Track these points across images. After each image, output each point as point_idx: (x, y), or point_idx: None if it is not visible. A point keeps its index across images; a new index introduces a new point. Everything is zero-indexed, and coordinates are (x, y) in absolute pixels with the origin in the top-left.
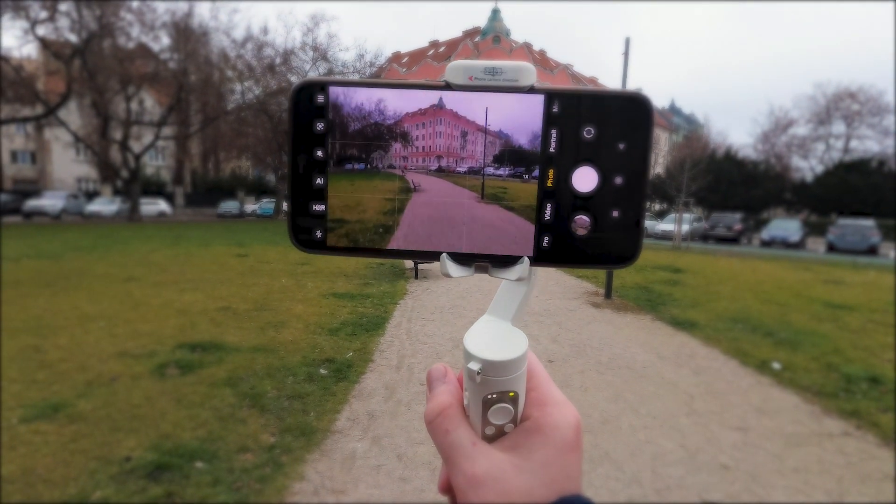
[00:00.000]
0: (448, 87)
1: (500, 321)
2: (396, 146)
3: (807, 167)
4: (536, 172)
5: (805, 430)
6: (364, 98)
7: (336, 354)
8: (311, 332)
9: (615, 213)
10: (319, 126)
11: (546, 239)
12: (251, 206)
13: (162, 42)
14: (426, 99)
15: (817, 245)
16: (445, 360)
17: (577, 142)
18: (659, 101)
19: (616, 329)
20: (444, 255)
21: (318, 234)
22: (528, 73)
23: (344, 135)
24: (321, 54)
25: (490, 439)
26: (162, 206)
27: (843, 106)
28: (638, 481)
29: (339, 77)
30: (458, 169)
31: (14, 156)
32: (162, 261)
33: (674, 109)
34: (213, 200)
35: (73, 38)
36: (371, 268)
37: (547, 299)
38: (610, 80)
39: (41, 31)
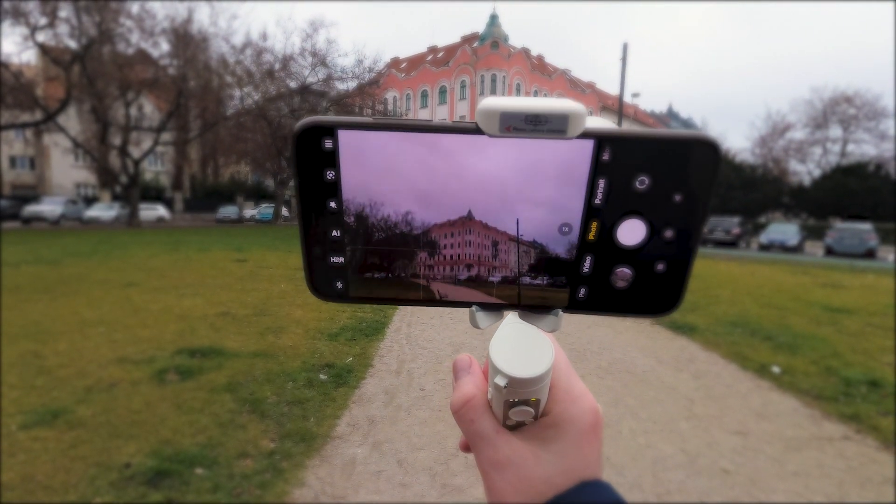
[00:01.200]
0: (479, 131)
1: (527, 327)
2: (422, 255)
3: (804, 171)
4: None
5: (805, 433)
6: (390, 210)
7: (336, 359)
8: (311, 338)
9: (660, 266)
10: (329, 175)
11: (582, 291)
12: (250, 212)
13: (161, 48)
14: (454, 209)
15: (815, 249)
16: (445, 364)
17: (628, 193)
18: (657, 105)
19: (616, 333)
20: (473, 307)
21: (339, 284)
22: (578, 121)
23: (367, 241)
24: (320, 60)
25: (511, 429)
26: (161, 211)
27: (839, 110)
28: (639, 486)
29: (349, 118)
30: (490, 278)
31: (13, 161)
32: (161, 266)
33: (671, 113)
34: (212, 206)
35: (72, 44)
36: None
37: None
38: (608, 85)
39: (41, 37)
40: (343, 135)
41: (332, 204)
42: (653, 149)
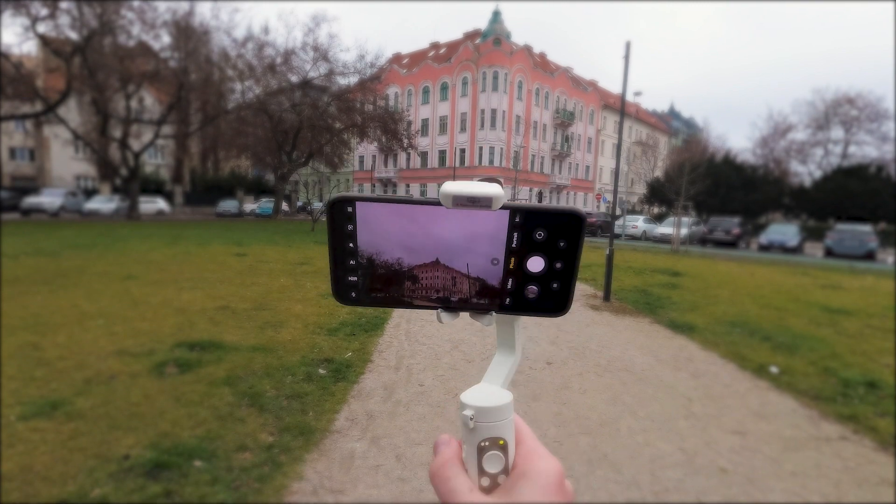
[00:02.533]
0: (440, 204)
1: (492, 385)
2: (408, 283)
3: (805, 172)
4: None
5: (802, 434)
6: (387, 255)
7: (335, 354)
8: (310, 332)
9: (555, 285)
10: (349, 227)
11: (507, 300)
12: (250, 206)
13: (162, 40)
14: (428, 257)
15: (815, 250)
16: (444, 361)
17: (532, 240)
18: (659, 104)
19: (615, 332)
20: (439, 309)
21: (353, 294)
22: (500, 201)
23: (373, 273)
24: (322, 54)
25: (486, 491)
26: (161, 204)
27: (841, 111)
28: (636, 484)
29: (362, 195)
30: (451, 298)
31: (13, 153)
32: (160, 259)
33: (673, 113)
34: (211, 199)
35: (73, 35)
36: None
37: None
38: (610, 83)
39: (41, 28)
40: (359, 205)
41: (350, 244)
42: (545, 215)
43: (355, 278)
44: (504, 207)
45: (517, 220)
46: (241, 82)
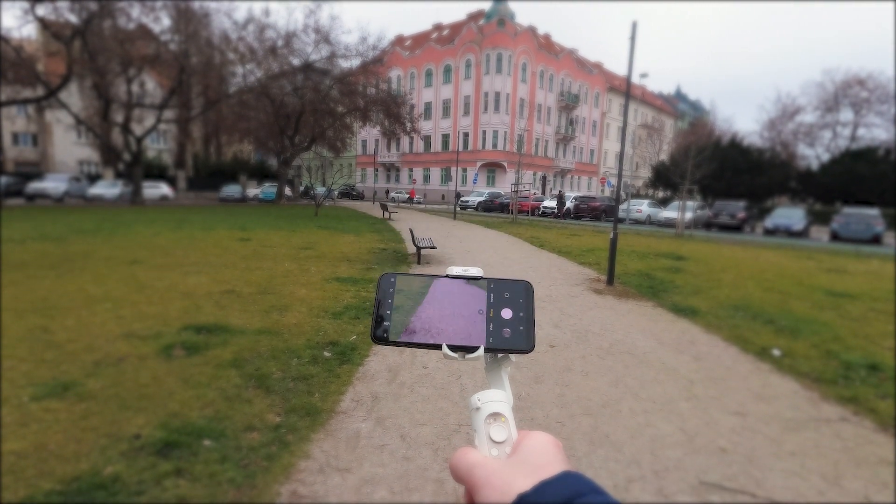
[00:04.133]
0: (448, 277)
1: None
2: (424, 329)
3: (813, 155)
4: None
5: (803, 415)
6: (411, 315)
7: (340, 337)
8: (315, 316)
9: (521, 328)
10: (391, 290)
11: (490, 339)
12: (253, 191)
13: (163, 23)
14: (439, 310)
15: (821, 234)
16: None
17: (503, 298)
18: (665, 86)
19: (618, 315)
20: (444, 345)
21: (386, 335)
22: (481, 272)
23: (401, 326)
24: (323, 37)
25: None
26: (164, 189)
27: (851, 93)
28: (637, 463)
29: (402, 272)
30: (453, 340)
31: (15, 138)
32: (165, 244)
33: (679, 95)
34: (215, 184)
35: (73, 18)
36: (374, 253)
37: (549, 285)
38: (616, 65)
39: (41, 11)
40: (399, 276)
41: (389, 300)
42: (509, 285)
43: (388, 324)
44: (484, 279)
45: (492, 286)
46: (243, 66)
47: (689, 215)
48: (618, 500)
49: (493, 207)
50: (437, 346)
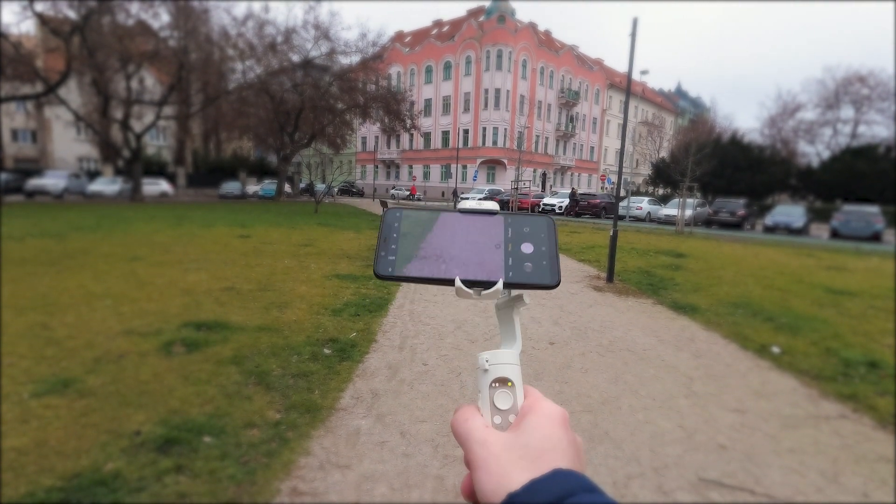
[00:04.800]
0: (461, 212)
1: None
2: (433, 264)
3: (813, 153)
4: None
5: (802, 412)
6: (420, 242)
7: (339, 334)
8: (315, 313)
9: (544, 262)
10: (396, 224)
11: (510, 273)
12: (253, 188)
13: (162, 19)
14: (450, 242)
15: (821, 231)
16: (447, 341)
17: (522, 232)
18: (665, 83)
19: (617, 312)
20: (457, 279)
21: (389, 269)
22: (496, 207)
23: (406, 254)
24: (323, 33)
25: (499, 429)
26: (164, 186)
27: (852, 90)
28: (636, 459)
29: (409, 207)
30: (467, 274)
31: (15, 134)
32: (165, 241)
33: (680, 92)
34: (214, 181)
35: (71, 14)
36: (374, 250)
37: None
38: (616, 61)
39: (39, 6)
40: (405, 210)
41: (394, 234)
42: (529, 219)
43: (393, 258)
44: (500, 213)
45: (509, 221)
46: (242, 62)
47: (689, 212)
48: (611, 497)
49: None
50: (449, 281)
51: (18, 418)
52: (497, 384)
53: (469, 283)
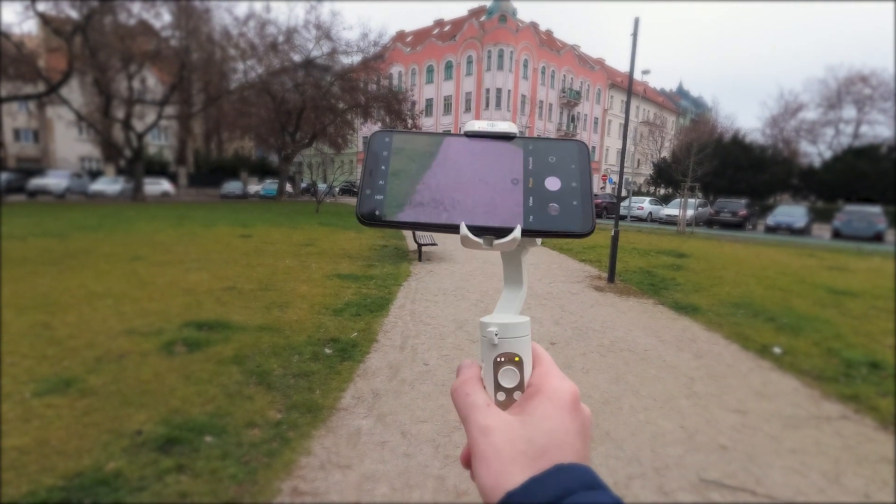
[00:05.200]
0: (468, 135)
1: (505, 314)
2: (432, 205)
3: (815, 153)
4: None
5: (803, 412)
6: (415, 174)
7: (341, 334)
8: (316, 313)
9: (574, 203)
10: (384, 153)
11: (531, 218)
12: (254, 187)
13: (163, 19)
14: (453, 177)
15: (823, 231)
16: (448, 341)
17: (546, 163)
18: (667, 83)
19: (618, 312)
20: (462, 224)
21: (377, 212)
22: (514, 128)
23: (399, 189)
24: (324, 33)
25: (502, 406)
26: (165, 185)
27: (854, 90)
28: (637, 460)
29: (401, 130)
30: (475, 219)
31: (17, 134)
32: (167, 240)
33: (681, 92)
34: (216, 181)
35: (73, 14)
36: (374, 250)
37: (550, 283)
38: (618, 61)
39: (41, 6)
40: (395, 135)
41: (383, 166)
42: (555, 145)
43: (381, 196)
44: (518, 139)
45: (530, 147)
46: (244, 62)
47: (690, 212)
48: (612, 492)
49: None
50: (453, 227)
51: (20, 417)
52: (503, 359)
53: (478, 231)
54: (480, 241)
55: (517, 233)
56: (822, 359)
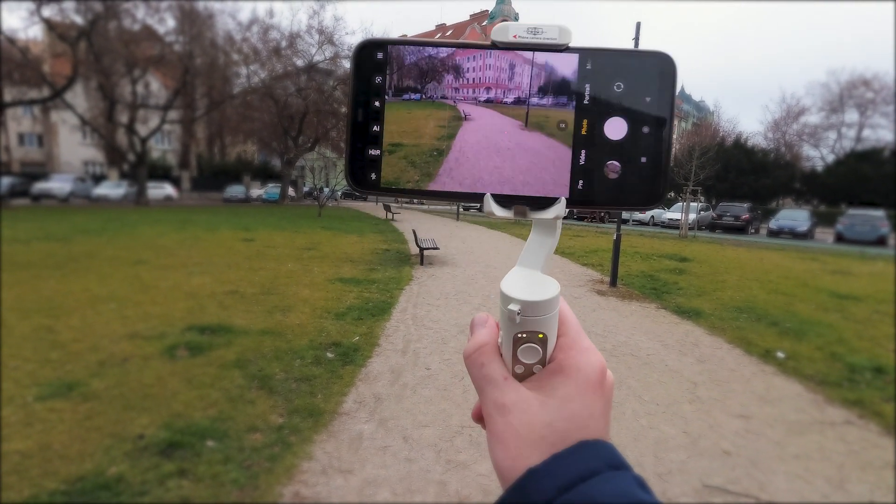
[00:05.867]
0: (494, 46)
1: (531, 270)
2: (449, 78)
3: (817, 156)
4: (574, 106)
5: (807, 418)
6: (420, 47)
7: (342, 338)
8: (318, 317)
9: (643, 160)
10: (378, 79)
11: (580, 182)
12: (257, 191)
13: (167, 24)
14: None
15: (826, 235)
16: (450, 345)
17: (609, 95)
18: None
19: (621, 317)
20: (487, 195)
21: (373, 176)
22: (566, 34)
23: (401, 67)
24: (327, 38)
25: (519, 378)
26: (168, 190)
27: (856, 94)
28: (640, 465)
29: (396, 38)
30: (504, 100)
31: (21, 138)
32: (169, 244)
33: (683, 96)
34: (219, 185)
35: (78, 19)
36: (377, 253)
37: None
38: None
39: (47, 12)
40: (392, 50)
41: (377, 103)
42: (624, 60)
43: (378, 152)
44: (571, 50)
45: (589, 66)
46: (247, 66)
47: (692, 216)
48: (636, 473)
49: None
50: (474, 197)
51: (22, 421)
52: (525, 335)
53: (506, 201)
54: (508, 212)
55: (560, 207)
56: (825, 363)
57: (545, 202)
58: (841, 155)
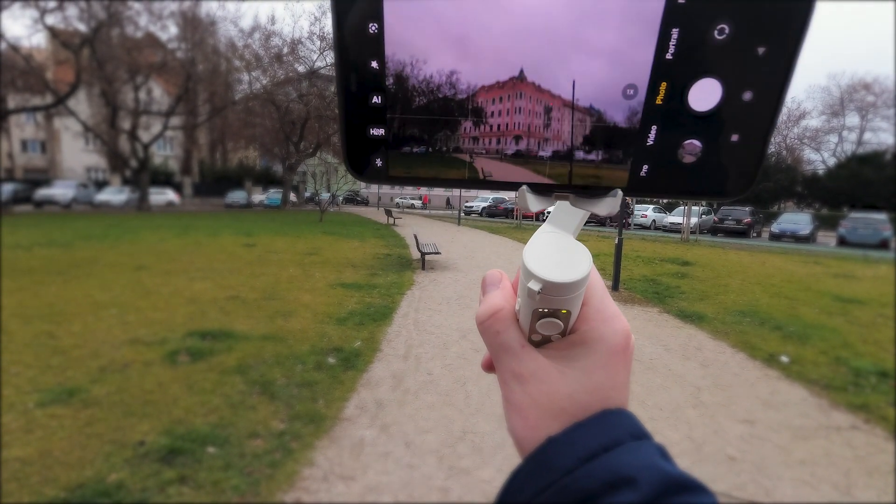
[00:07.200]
0: None
1: (562, 234)
2: (466, 125)
3: (819, 160)
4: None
5: (812, 423)
6: (433, 68)
7: (344, 344)
8: (319, 322)
9: (734, 138)
10: (373, 28)
11: (644, 168)
12: (259, 197)
13: (170, 31)
14: (503, 70)
15: (828, 239)
16: (452, 350)
17: (705, 45)
18: None
19: None
20: (524, 187)
21: (379, 161)
22: None
23: (406, 110)
24: (328, 44)
25: (537, 345)
26: (170, 195)
27: (857, 97)
28: None
29: None
30: (540, 153)
31: (24, 145)
32: (171, 250)
33: None
34: (220, 190)
35: (81, 27)
36: (378, 258)
37: None
38: None
39: (50, 20)
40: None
41: (374, 63)
42: None
43: (381, 130)
44: None
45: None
46: (249, 73)
47: (694, 220)
48: (657, 442)
49: (497, 213)
50: (511, 185)
51: (23, 428)
52: (547, 310)
53: (543, 189)
54: (549, 202)
55: (614, 202)
56: (830, 368)
57: (595, 191)
58: (842, 158)
